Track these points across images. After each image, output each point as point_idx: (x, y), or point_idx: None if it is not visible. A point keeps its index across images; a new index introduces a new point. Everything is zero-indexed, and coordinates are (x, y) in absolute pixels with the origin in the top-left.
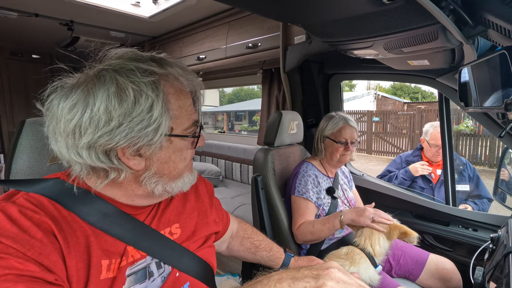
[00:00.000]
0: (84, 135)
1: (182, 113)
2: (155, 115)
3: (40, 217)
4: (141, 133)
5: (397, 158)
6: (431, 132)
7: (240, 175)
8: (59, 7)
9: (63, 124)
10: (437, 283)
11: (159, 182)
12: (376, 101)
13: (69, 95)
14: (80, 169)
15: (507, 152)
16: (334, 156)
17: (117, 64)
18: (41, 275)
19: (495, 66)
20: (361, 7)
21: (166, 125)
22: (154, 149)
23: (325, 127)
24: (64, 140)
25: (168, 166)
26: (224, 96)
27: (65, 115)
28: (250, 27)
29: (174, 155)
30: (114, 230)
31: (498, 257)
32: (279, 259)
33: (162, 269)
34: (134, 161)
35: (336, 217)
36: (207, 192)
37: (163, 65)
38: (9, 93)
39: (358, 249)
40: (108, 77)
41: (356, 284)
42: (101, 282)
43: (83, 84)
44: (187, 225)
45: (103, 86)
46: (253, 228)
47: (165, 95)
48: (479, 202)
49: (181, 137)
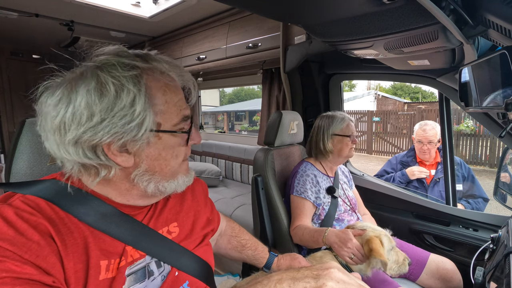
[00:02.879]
0: (68, 132)
1: (170, 108)
2: (138, 109)
3: (37, 219)
4: (124, 128)
5: (393, 158)
6: (416, 129)
7: (240, 175)
8: (59, 7)
9: (50, 120)
10: (438, 283)
11: (151, 180)
12: (376, 101)
13: (55, 92)
14: (71, 167)
15: (507, 152)
16: (344, 151)
17: (100, 60)
18: (39, 278)
19: (495, 66)
20: (361, 7)
21: (150, 120)
22: (141, 145)
23: (329, 126)
24: (53, 137)
25: (159, 163)
26: (225, 96)
27: (51, 111)
28: (250, 27)
29: (165, 152)
30: (113, 230)
31: (499, 257)
32: (263, 258)
33: (162, 268)
34: (122, 157)
35: (321, 235)
36: (202, 191)
37: (148, 60)
38: (9, 93)
39: (331, 255)
40: (90, 73)
41: (356, 284)
42: (100, 283)
43: (67, 81)
44: (185, 224)
45: (84, 82)
46: (241, 227)
47: (148, 89)
48: (473, 202)
49: (170, 133)
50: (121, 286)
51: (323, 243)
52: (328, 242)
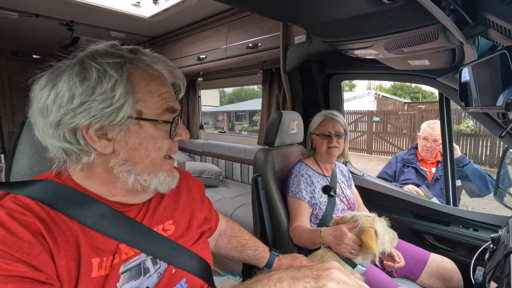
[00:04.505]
0: (50, 113)
1: (153, 98)
2: (117, 95)
3: (28, 218)
4: (103, 112)
5: (393, 158)
6: (424, 127)
7: (241, 175)
8: (59, 8)
9: (36, 104)
10: (438, 283)
11: (131, 172)
12: (376, 101)
13: (42, 78)
14: (55, 152)
15: (507, 152)
16: (321, 150)
17: (90, 50)
18: (31, 275)
19: (495, 66)
20: (361, 7)
21: (130, 107)
22: (121, 132)
23: (311, 125)
24: (38, 121)
25: (139, 153)
26: (225, 96)
27: (37, 95)
28: (250, 27)
29: (146, 142)
30: (110, 230)
31: (499, 257)
32: (264, 258)
33: (158, 265)
34: (100, 143)
35: (317, 236)
36: (199, 190)
37: (135, 53)
38: (9, 93)
39: (332, 252)
40: (76, 60)
41: (357, 284)
42: (92, 280)
43: (55, 68)
44: (181, 221)
45: (69, 67)
46: (241, 227)
47: (130, 77)
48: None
49: (151, 121)
50: (115, 283)
51: (320, 243)
52: (325, 242)
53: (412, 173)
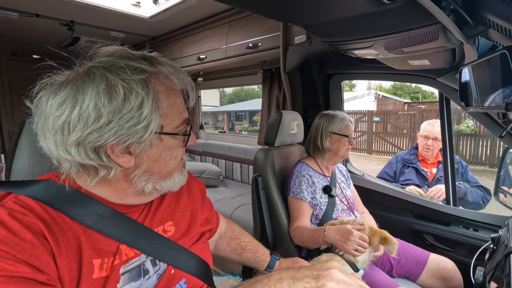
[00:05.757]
0: (73, 132)
1: (173, 111)
2: (145, 112)
3: (30, 219)
4: (131, 131)
5: (393, 158)
6: (423, 126)
7: (241, 175)
8: (59, 8)
9: (52, 120)
10: (438, 283)
11: (150, 180)
12: (376, 101)
13: (58, 92)
14: (69, 166)
15: (508, 152)
16: (341, 150)
17: (108, 61)
18: (33, 276)
19: (495, 66)
20: (361, 7)
21: (156, 123)
22: (144, 147)
23: (329, 124)
24: (53, 137)
25: (158, 164)
26: (225, 96)
27: (53, 111)
28: (250, 27)
29: (165, 153)
30: (110, 230)
31: (499, 257)
32: (264, 262)
33: (157, 266)
34: (123, 158)
35: (320, 234)
36: (200, 190)
37: (154, 63)
38: (9, 93)
39: (338, 256)
40: (98, 74)
41: (357, 284)
42: (93, 281)
43: (72, 81)
44: (181, 222)
45: (93, 83)
46: (241, 229)
47: (155, 93)
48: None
49: (172, 135)
50: (116, 284)
51: (323, 242)
52: (330, 241)
53: (413, 173)
